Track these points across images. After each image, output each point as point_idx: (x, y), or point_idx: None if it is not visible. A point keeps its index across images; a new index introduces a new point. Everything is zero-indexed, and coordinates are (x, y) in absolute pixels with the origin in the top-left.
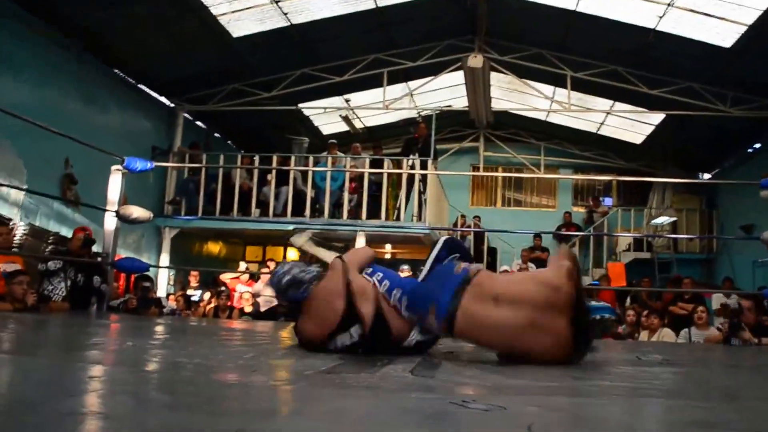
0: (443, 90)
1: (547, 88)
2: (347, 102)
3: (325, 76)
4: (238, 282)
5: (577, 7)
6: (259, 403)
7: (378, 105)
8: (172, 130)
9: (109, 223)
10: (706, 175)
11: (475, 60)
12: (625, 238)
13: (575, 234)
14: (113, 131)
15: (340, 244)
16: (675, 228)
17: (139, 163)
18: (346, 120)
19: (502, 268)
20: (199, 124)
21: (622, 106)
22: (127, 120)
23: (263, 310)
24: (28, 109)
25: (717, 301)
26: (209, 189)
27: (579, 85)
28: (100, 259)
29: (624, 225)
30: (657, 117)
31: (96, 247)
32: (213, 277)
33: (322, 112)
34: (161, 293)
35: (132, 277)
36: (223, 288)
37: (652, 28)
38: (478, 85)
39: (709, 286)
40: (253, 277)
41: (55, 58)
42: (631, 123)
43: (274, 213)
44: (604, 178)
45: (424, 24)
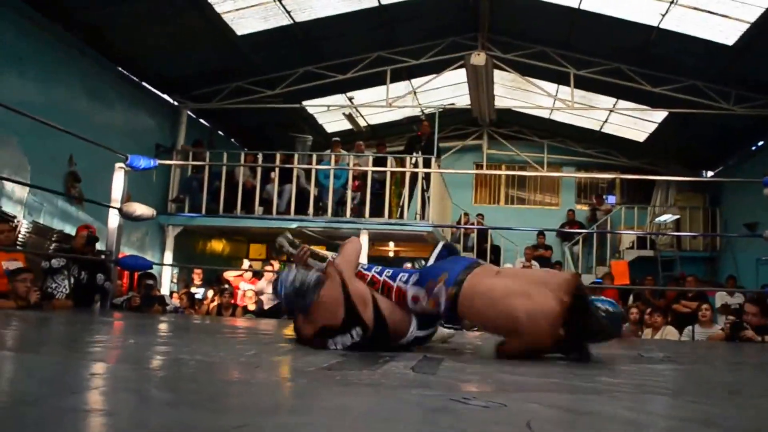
0: (446, 88)
1: (550, 85)
2: (351, 100)
3: (329, 74)
4: (241, 280)
5: (580, 5)
6: (261, 400)
7: (381, 103)
8: (176, 128)
9: (113, 220)
10: (709, 173)
11: (478, 58)
12: (629, 236)
13: (578, 232)
14: (117, 129)
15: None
16: (678, 226)
17: (143, 161)
18: (350, 118)
19: (505, 266)
20: (202, 122)
21: (625, 104)
22: (131, 118)
23: (266, 307)
24: (32, 106)
25: (721, 299)
26: (213, 187)
27: (582, 82)
28: (103, 256)
29: (627, 223)
30: (660, 115)
31: (99, 245)
32: (216, 275)
33: (325, 110)
34: (165, 291)
35: (135, 274)
36: (226, 286)
37: (655, 25)
38: (480, 83)
39: (713, 284)
40: (257, 274)
41: (59, 55)
42: (634, 121)
43: (277, 211)
44: (607, 176)
45: (428, 22)
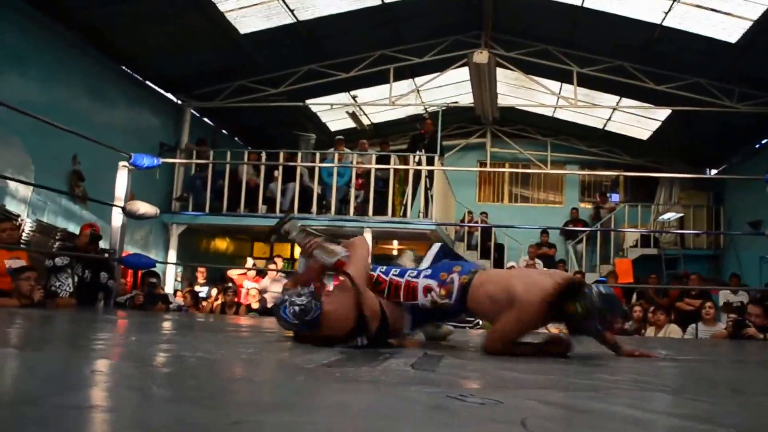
0: (449, 86)
1: (553, 83)
2: (354, 98)
3: (332, 72)
4: (245, 278)
5: (583, 3)
6: (262, 397)
7: (384, 101)
8: (180, 127)
9: (116, 219)
10: (713, 171)
11: (481, 56)
12: (633, 234)
13: (582, 230)
14: (121, 128)
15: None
16: (682, 224)
17: (146, 160)
18: (353, 116)
19: (509, 264)
20: (206, 120)
21: (628, 101)
22: (135, 117)
23: (270, 306)
24: (34, 105)
25: (724, 297)
26: (216, 185)
27: (585, 80)
28: (107, 255)
29: (631, 221)
30: (663, 113)
31: (103, 243)
32: (220, 274)
33: (329, 108)
34: (169, 290)
35: (139, 273)
36: (230, 284)
37: (658, 23)
38: (483, 81)
39: (717, 282)
40: (260, 273)
41: (60, 55)
42: (637, 119)
43: (281, 209)
44: (610, 174)
45: (431, 20)
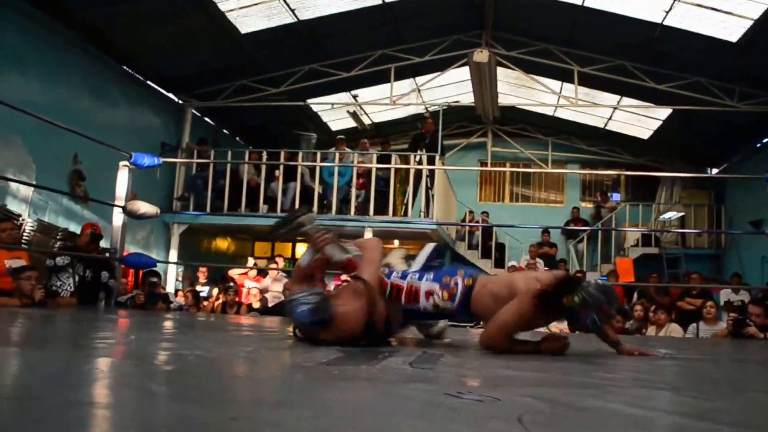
0: (450, 85)
1: (554, 83)
2: (355, 98)
3: (333, 71)
4: (246, 278)
5: (583, 2)
6: (262, 395)
7: (385, 101)
8: (181, 126)
9: (117, 218)
10: (713, 170)
11: (481, 55)
12: (634, 233)
13: (583, 229)
14: (122, 127)
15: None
16: (683, 223)
17: (147, 159)
18: (354, 116)
19: (510, 263)
20: (207, 120)
21: (629, 101)
22: (136, 116)
23: (271, 305)
24: (35, 105)
25: (725, 296)
26: (217, 185)
27: (586, 80)
28: (108, 254)
29: (632, 220)
30: (664, 112)
31: (104, 243)
32: (221, 273)
33: (329, 108)
34: (170, 289)
35: (140, 272)
36: (231, 284)
37: (659, 22)
38: (484, 80)
39: (718, 281)
40: (262, 272)
41: (61, 54)
42: (638, 118)
43: (282, 209)
44: (611, 173)
45: (432, 19)
